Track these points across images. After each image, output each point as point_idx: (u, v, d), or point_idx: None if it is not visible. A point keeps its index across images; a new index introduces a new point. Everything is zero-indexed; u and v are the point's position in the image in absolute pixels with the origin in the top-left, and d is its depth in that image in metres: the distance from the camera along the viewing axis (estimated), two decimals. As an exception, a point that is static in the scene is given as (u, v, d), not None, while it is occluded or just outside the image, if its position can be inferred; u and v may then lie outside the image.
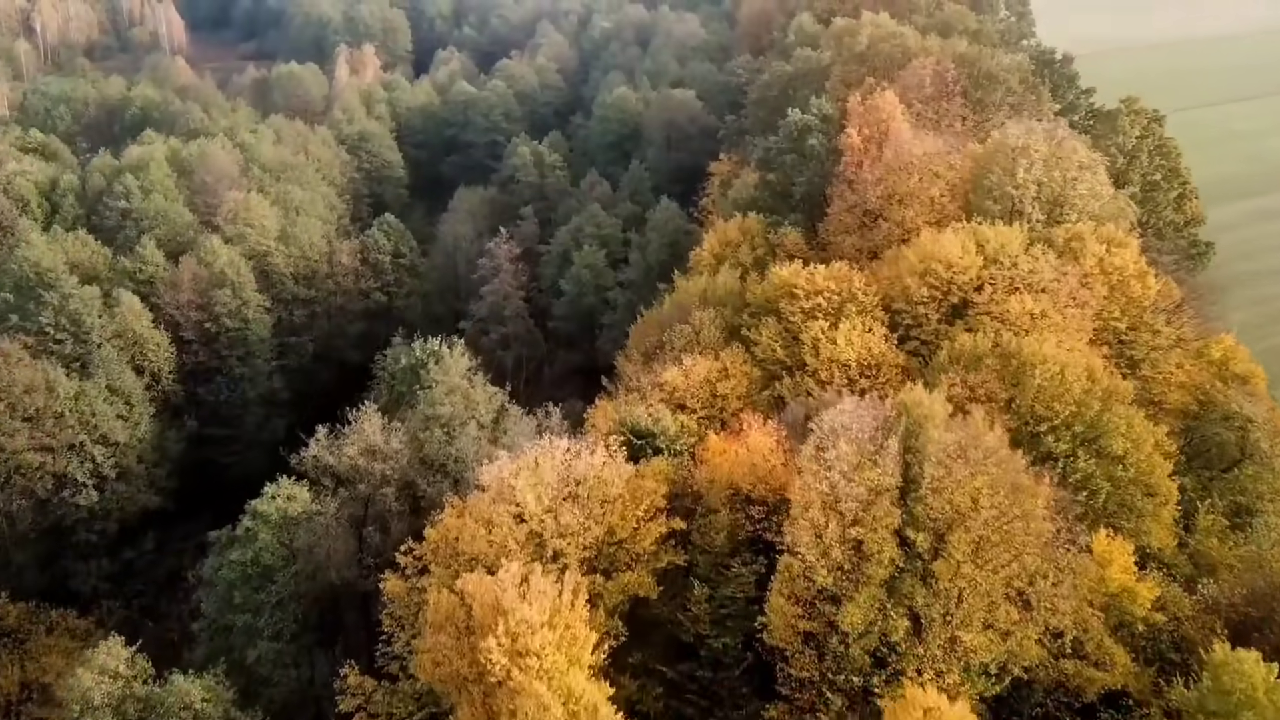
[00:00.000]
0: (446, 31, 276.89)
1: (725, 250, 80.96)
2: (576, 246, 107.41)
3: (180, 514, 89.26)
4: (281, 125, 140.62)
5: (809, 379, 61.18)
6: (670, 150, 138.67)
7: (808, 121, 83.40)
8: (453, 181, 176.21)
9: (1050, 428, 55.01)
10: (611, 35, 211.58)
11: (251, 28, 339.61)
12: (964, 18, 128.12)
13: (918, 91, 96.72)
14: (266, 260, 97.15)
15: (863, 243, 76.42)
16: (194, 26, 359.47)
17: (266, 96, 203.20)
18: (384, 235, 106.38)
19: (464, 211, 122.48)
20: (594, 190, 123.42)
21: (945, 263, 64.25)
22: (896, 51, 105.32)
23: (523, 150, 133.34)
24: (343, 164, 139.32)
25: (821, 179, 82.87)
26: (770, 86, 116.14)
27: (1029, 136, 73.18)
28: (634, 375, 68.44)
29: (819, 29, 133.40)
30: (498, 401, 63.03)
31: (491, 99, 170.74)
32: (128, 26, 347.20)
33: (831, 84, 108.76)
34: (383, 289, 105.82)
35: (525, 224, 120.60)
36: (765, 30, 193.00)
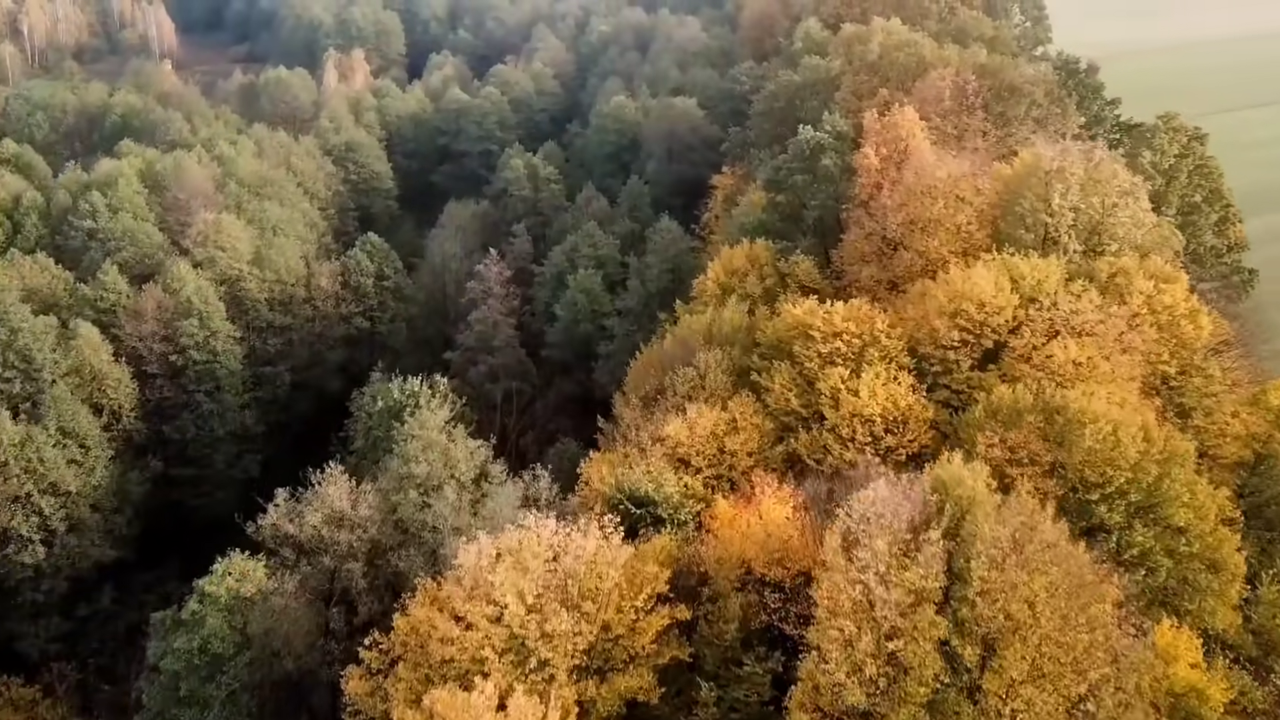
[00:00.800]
0: (441, 34, 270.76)
1: (731, 280, 74.56)
2: (571, 268, 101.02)
3: (143, 561, 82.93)
4: (263, 136, 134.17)
5: (828, 434, 54.79)
6: (671, 162, 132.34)
7: (820, 140, 77.06)
8: (445, 192, 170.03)
9: (1102, 496, 48.63)
10: (610, 39, 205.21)
11: (244, 30, 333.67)
12: (980, 24, 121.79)
13: (935, 105, 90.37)
14: (239, 285, 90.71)
15: (882, 273, 70.03)
16: (186, 28, 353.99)
17: (254, 103, 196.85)
18: (366, 256, 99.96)
19: (453, 228, 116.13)
20: (590, 206, 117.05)
21: (977, 302, 57.84)
22: (911, 61, 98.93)
23: (515, 163, 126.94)
24: (327, 176, 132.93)
25: (836, 202, 76.50)
26: (776, 97, 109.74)
27: (1064, 158, 66.75)
28: (632, 423, 62.05)
29: (826, 35, 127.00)
30: (480, 458, 56.63)
31: (485, 106, 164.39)
32: (118, 28, 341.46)
33: (842, 95, 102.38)
34: (365, 313, 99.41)
35: (518, 241, 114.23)
36: (768, 34, 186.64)
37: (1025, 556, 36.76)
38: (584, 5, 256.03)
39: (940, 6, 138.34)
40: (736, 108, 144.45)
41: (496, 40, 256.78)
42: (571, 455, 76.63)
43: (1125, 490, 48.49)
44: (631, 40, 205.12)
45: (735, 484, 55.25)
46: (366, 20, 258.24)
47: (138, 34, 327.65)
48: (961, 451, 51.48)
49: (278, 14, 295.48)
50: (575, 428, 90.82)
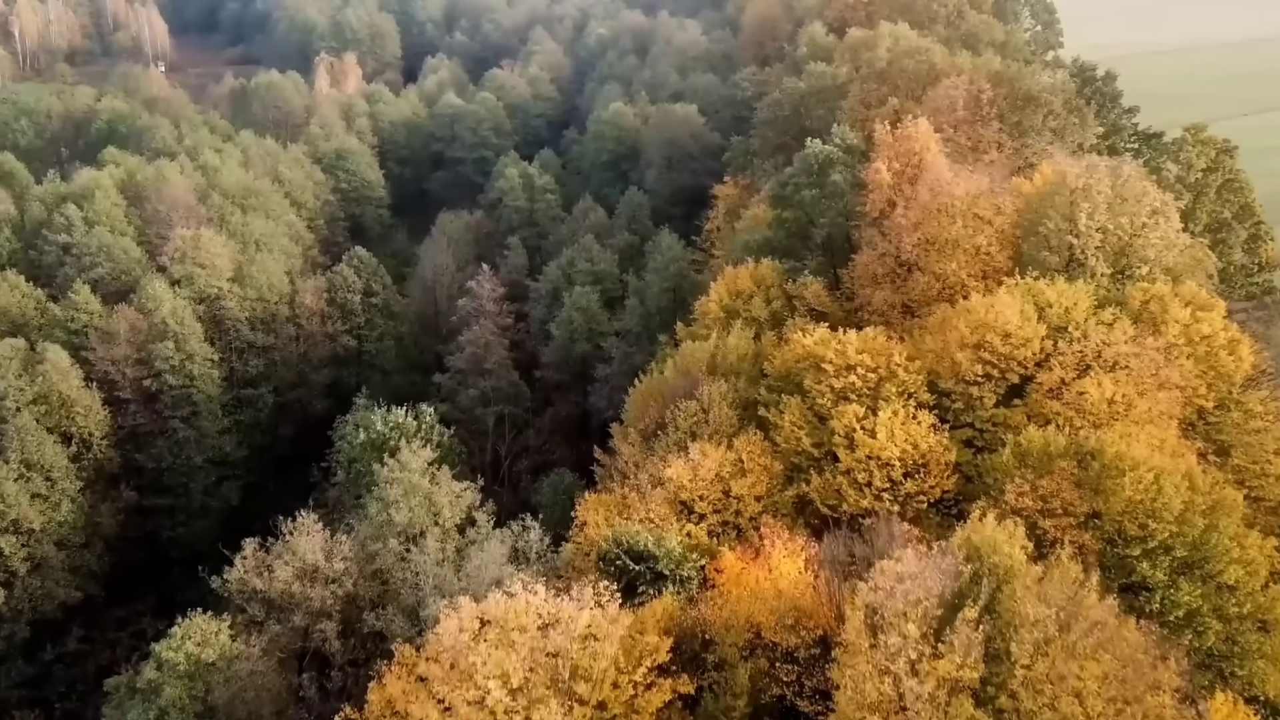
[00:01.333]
0: (437, 37, 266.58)
1: (735, 302, 70.38)
2: (568, 284, 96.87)
3: (115, 597, 78.82)
4: (250, 144, 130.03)
5: (842, 478, 50.63)
6: (670, 171, 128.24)
7: (829, 153, 72.88)
8: (439, 200, 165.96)
9: (1144, 551, 44.50)
10: (608, 43, 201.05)
11: (238, 32, 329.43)
12: (990, 28, 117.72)
13: (948, 115, 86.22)
14: (218, 304, 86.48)
15: (896, 296, 65.88)
16: (181, 30, 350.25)
17: (245, 107, 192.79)
18: (353, 272, 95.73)
19: (445, 240, 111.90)
20: (588, 218, 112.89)
21: (1002, 333, 53.71)
22: (922, 69, 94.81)
23: (510, 171, 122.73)
24: (316, 185, 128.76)
25: (846, 219, 72.34)
26: (780, 105, 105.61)
27: (1090, 175, 62.62)
28: (631, 460, 57.93)
29: (832, 40, 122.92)
30: (466, 501, 52.41)
31: (480, 112, 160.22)
32: (112, 30, 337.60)
33: (849, 104, 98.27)
34: (351, 332, 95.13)
35: (512, 255, 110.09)
36: (770, 38, 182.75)
37: (1072, 640, 32.60)
38: (582, 7, 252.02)
39: (948, 10, 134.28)
40: (738, 114, 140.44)
41: (493, 43, 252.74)
42: (566, 486, 72.58)
43: (1169, 545, 44.40)
44: (630, 43, 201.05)
45: (742, 531, 51.16)
46: (361, 23, 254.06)
47: (130, 36, 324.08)
48: (988, 501, 47.59)
49: (271, 16, 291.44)
50: (571, 454, 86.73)
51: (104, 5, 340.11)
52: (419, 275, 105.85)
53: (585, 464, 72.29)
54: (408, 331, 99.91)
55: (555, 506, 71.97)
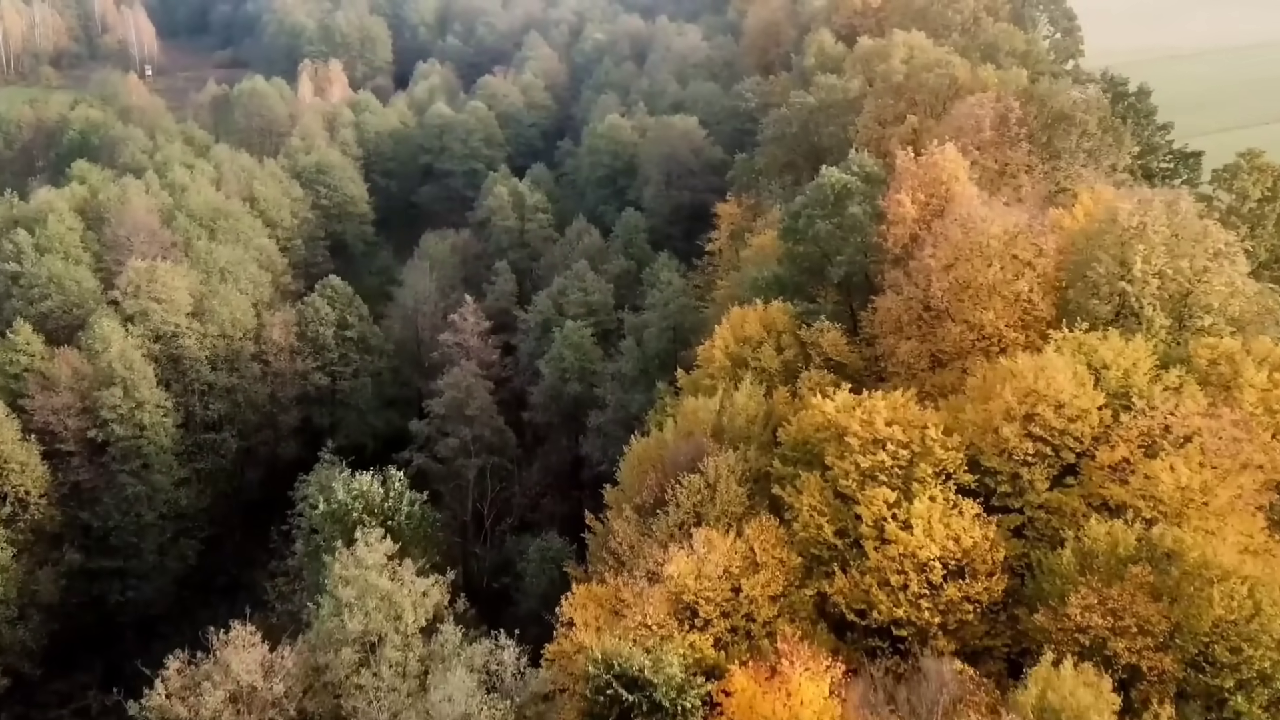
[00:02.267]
0: (430, 41, 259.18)
1: (743, 349, 62.95)
2: (559, 316, 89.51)
3: (57, 668, 71.48)
4: (224, 159, 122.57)
5: (871, 578, 43.25)
6: (670, 187, 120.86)
7: (846, 183, 65.44)
8: (427, 213, 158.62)
9: (1238, 682, 37.23)
10: (605, 48, 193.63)
11: (228, 34, 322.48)
12: (1011, 37, 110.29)
13: (973, 135, 78.81)
14: (176, 343, 79.04)
15: (924, 347, 58.44)
16: (171, 32, 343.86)
17: (227, 115, 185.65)
18: (326, 303, 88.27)
19: (428, 265, 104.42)
20: (581, 240, 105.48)
21: (1054, 403, 46.35)
22: (942, 83, 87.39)
23: (500, 189, 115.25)
24: (294, 202, 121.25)
25: (866, 256, 64.91)
26: (789, 121, 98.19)
27: (1145, 212, 55.24)
28: (626, 541, 50.59)
29: (841, 50, 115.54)
30: (432, 601, 45.01)
31: (470, 123, 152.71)
32: (100, 33, 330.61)
33: (863, 121, 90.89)
34: (324, 368, 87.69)
35: (500, 280, 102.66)
36: (774, 44, 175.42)
37: None
38: (578, 10, 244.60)
39: (964, 18, 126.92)
40: (741, 126, 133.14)
41: (487, 47, 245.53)
42: (555, 553, 65.22)
43: (1269, 675, 37.11)
44: (628, 49, 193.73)
45: (754, 638, 43.79)
46: (351, 26, 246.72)
47: (117, 39, 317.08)
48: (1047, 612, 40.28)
49: (261, 19, 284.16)
50: (562, 505, 79.42)
51: (92, 7, 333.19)
52: (400, 304, 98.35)
53: (577, 518, 65.13)
54: (386, 366, 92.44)
55: (541, 576, 64.75)
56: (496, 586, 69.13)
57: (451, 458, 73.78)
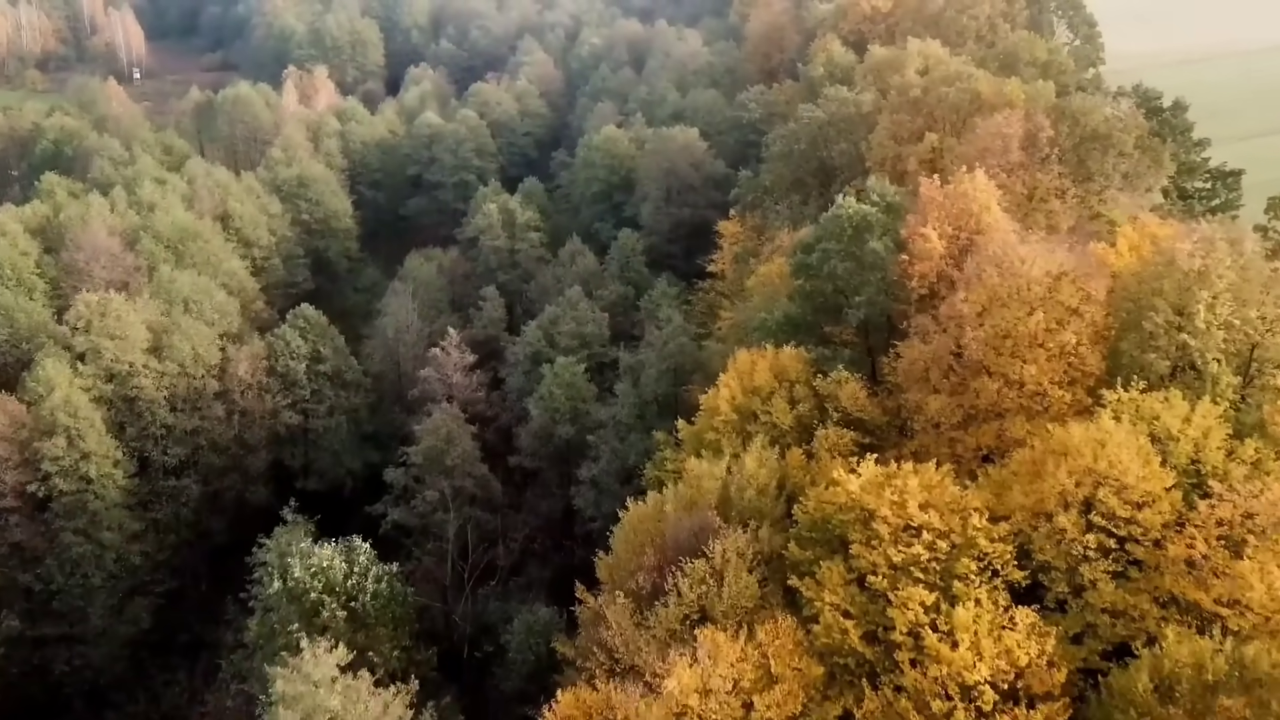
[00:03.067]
0: (423, 44, 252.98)
1: (751, 400, 56.40)
2: (550, 347, 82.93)
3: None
4: (198, 174, 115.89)
5: (907, 703, 36.66)
6: (669, 203, 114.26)
7: (865, 214, 58.79)
8: (416, 227, 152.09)
9: None
10: (602, 54, 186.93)
11: (219, 36, 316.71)
12: (1032, 46, 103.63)
13: (1000, 156, 72.54)
14: (131, 383, 72.41)
15: (956, 404, 51.94)
16: (161, 34, 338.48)
17: (211, 122, 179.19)
18: (298, 334, 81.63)
19: (411, 290, 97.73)
20: (575, 263, 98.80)
21: (1117, 485, 39.81)
22: (964, 99, 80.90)
23: (489, 207, 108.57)
24: (272, 219, 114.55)
25: (888, 295, 58.32)
26: (797, 137, 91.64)
27: (1208, 253, 48.71)
28: (619, 635, 44.02)
29: (852, 59, 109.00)
30: (394, 716, 38.41)
31: (460, 132, 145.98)
32: (89, 35, 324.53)
33: (877, 138, 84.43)
34: (295, 406, 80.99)
35: (488, 306, 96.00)
36: (777, 49, 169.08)
37: None
38: (575, 14, 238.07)
39: (979, 24, 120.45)
40: (745, 138, 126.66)
41: (481, 50, 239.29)
42: (542, 627, 58.59)
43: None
44: (626, 54, 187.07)
45: (769, 769, 37.27)
46: (342, 30, 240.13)
47: (104, 42, 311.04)
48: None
49: (250, 22, 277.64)
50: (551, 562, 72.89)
51: (80, 9, 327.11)
52: (379, 333, 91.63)
53: (568, 574, 58.73)
54: (364, 402, 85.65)
55: (527, 652, 58.15)
56: (479, 656, 62.57)
57: (429, 511, 67.17)
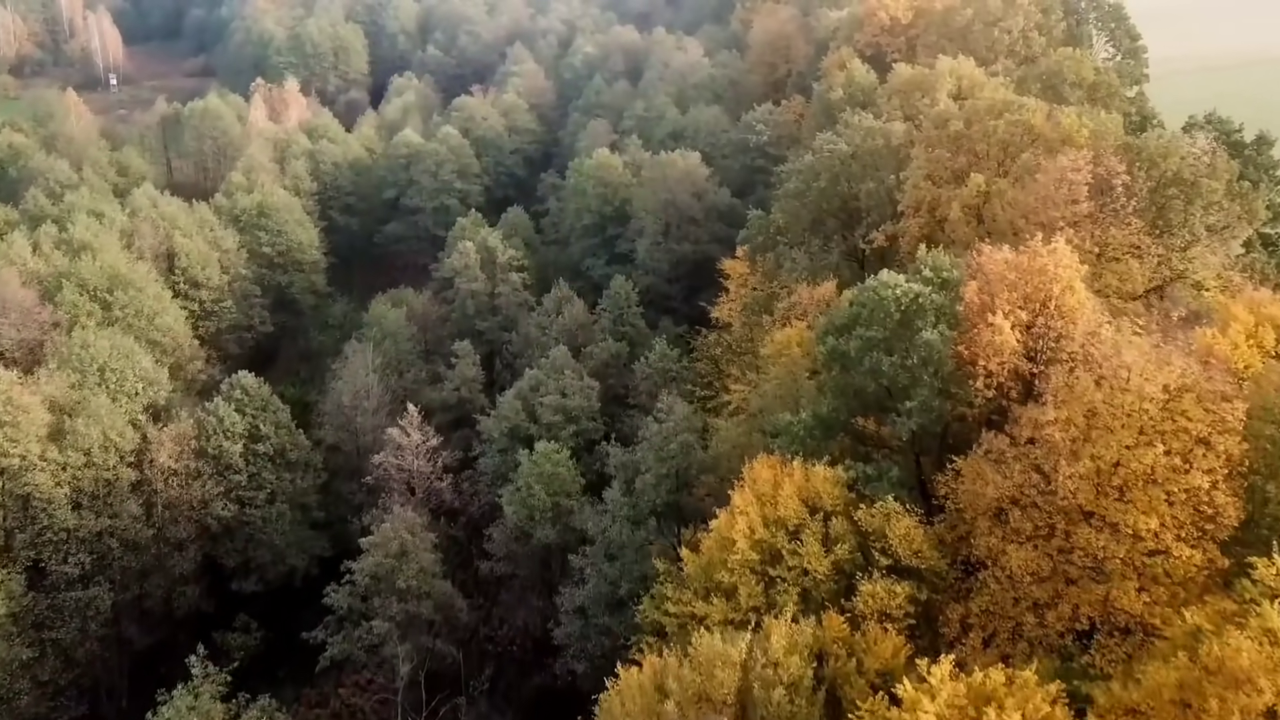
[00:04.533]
0: (410, 50, 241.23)
1: (775, 537, 44.37)
2: (531, 421, 70.90)
3: None
4: (144, 204, 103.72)
5: None
6: (668, 239, 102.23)
7: (916, 296, 46.70)
8: (392, 256, 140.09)
9: None
10: (596, 63, 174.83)
11: (201, 40, 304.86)
12: (1078, 65, 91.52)
13: (1065, 207, 60.65)
14: (24, 479, 60.34)
15: (1046, 561, 39.91)
16: (145, 37, 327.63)
17: (178, 138, 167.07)
18: (234, 408, 69.62)
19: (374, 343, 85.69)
20: (562, 312, 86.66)
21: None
22: (1015, 134, 68.83)
23: (466, 245, 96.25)
24: (225, 254, 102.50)
25: (945, 398, 46.22)
26: (815, 173, 79.48)
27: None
28: None
29: (873, 80, 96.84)
30: None
31: (441, 153, 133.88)
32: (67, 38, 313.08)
33: (912, 178, 72.21)
34: (230, 494, 68.99)
35: (461, 364, 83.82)
36: (783, 60, 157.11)
37: None
38: (568, 20, 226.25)
39: (1012, 38, 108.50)
40: (751, 163, 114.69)
41: (471, 57, 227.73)
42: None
43: None
44: (621, 64, 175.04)
45: None
46: (323, 35, 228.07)
47: (79, 46, 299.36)
48: None
49: (229, 26, 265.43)
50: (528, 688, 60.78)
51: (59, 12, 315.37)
52: (334, 398, 79.34)
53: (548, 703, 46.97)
54: (312, 485, 73.49)
55: None
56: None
57: (378, 643, 55.08)
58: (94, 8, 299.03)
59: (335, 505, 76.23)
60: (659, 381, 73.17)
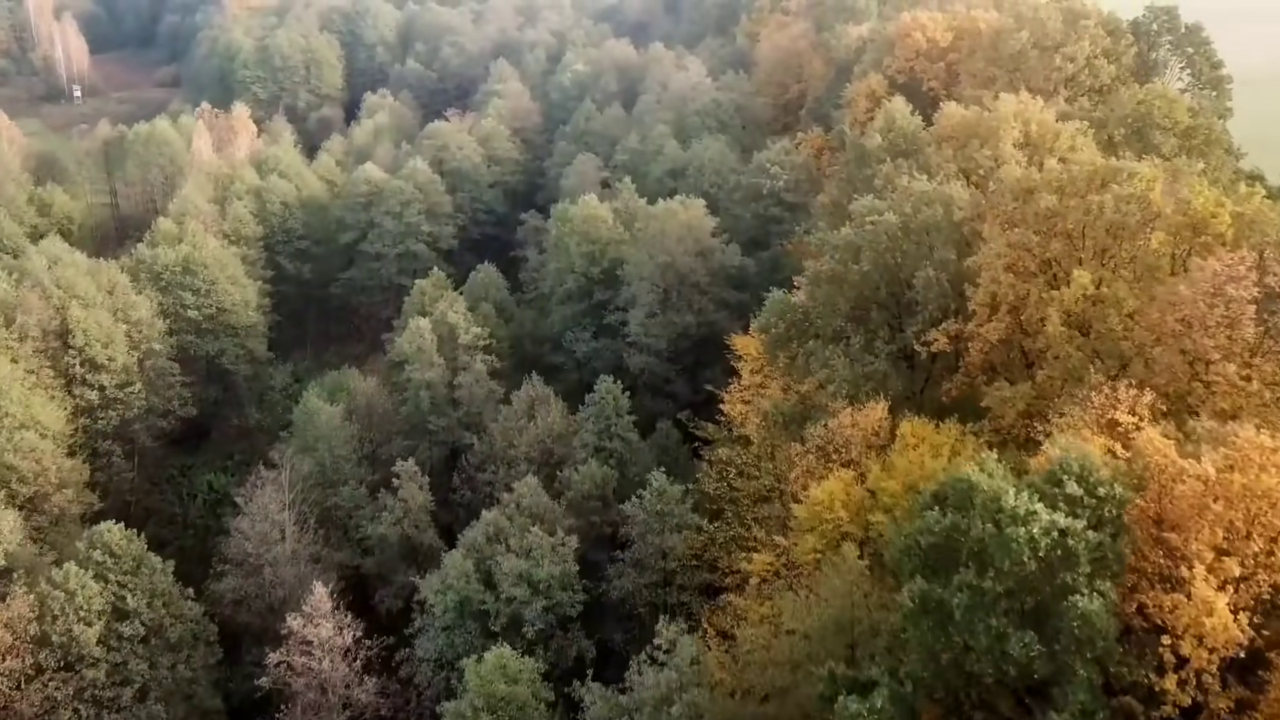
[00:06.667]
0: (389, 63, 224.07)
1: None
2: (484, 590, 53.58)
3: None
4: (38, 263, 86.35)
5: None
6: (667, 309, 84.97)
7: (1064, 535, 29.32)
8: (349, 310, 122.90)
9: None
10: (587, 83, 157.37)
11: (174, 48, 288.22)
12: (1171, 107, 74.28)
13: (1220, 333, 43.51)
14: None
15: None
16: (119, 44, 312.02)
17: (120, 163, 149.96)
18: (92, 576, 52.26)
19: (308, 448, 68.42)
20: (534, 419, 69.20)
21: None
22: (1131, 214, 51.41)
23: (421, 323, 78.55)
24: (134, 327, 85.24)
25: (1111, 699, 28.78)
26: (855, 251, 61.95)
27: None
28: None
29: (917, 123, 79.23)
30: None
31: (406, 191, 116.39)
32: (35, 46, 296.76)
33: (987, 269, 54.73)
34: (84, 694, 51.58)
35: (405, 488, 66.15)
36: (794, 80, 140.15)
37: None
38: (558, 31, 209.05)
39: (1076, 67, 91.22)
40: (765, 212, 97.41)
41: (453, 71, 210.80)
42: None
43: None
44: (615, 84, 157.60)
45: None
46: (294, 47, 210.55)
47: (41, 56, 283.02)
48: None
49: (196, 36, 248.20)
50: None
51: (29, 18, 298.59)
52: (236, 542, 61.68)
53: None
54: (202, 668, 55.91)
55: None
56: None
57: None
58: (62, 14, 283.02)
59: (240, 681, 58.78)
60: (656, 528, 55.80)
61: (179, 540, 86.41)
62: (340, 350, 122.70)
